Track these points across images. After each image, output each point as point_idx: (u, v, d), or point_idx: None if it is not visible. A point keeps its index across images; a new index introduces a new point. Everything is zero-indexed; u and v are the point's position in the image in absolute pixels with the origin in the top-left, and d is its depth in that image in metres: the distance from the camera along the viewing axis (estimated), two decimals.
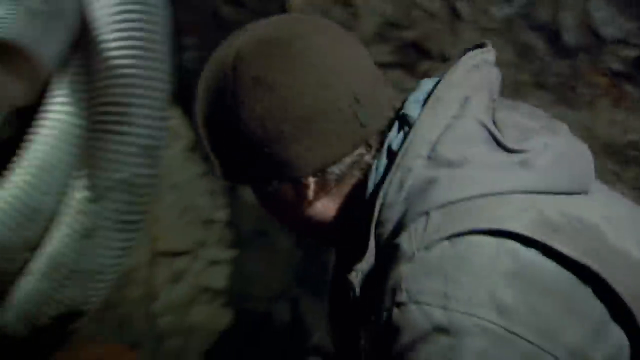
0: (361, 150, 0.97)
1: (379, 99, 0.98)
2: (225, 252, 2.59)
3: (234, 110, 0.94)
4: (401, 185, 0.91)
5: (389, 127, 0.98)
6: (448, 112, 0.94)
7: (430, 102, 0.95)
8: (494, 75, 1.02)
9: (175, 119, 2.71)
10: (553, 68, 1.93)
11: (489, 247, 0.86)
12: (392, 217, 0.91)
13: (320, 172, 0.96)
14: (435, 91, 0.96)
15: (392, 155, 0.95)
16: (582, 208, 0.93)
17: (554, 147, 0.95)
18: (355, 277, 0.93)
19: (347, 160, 0.97)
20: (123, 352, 2.57)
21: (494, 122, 0.96)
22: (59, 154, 1.99)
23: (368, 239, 0.93)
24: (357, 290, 0.94)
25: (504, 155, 0.93)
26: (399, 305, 0.86)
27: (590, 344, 0.86)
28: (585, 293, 0.87)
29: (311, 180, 0.97)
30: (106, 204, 1.94)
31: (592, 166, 0.99)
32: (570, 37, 1.91)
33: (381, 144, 0.97)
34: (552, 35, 1.92)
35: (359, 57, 0.99)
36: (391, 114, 0.98)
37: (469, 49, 1.03)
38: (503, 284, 0.85)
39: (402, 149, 0.93)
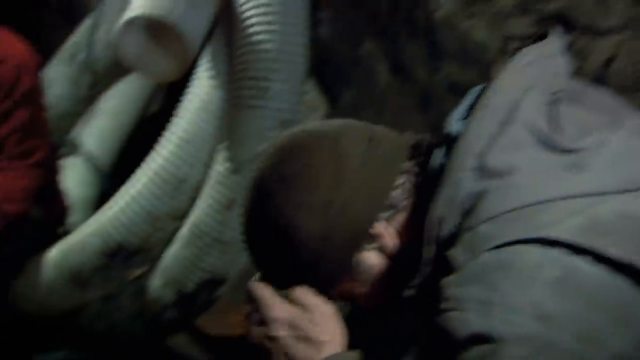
0: (401, 179, 0.99)
1: (392, 136, 1.02)
2: None
3: (289, 226, 0.97)
4: (451, 201, 0.92)
5: (427, 151, 1.00)
6: (494, 120, 0.93)
7: (476, 111, 0.95)
8: (556, 67, 1.00)
9: (311, 93, 2.75)
10: None
11: (533, 255, 0.85)
12: (445, 232, 0.92)
13: (381, 213, 0.98)
14: (482, 99, 0.96)
15: (437, 172, 0.96)
16: None
17: (612, 144, 0.92)
18: (409, 292, 0.96)
19: (393, 194, 0.98)
20: None
21: (554, 119, 0.94)
22: (203, 128, 2.09)
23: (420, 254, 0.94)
24: (411, 304, 0.97)
25: (555, 158, 0.91)
26: (442, 312, 0.88)
27: (638, 351, 0.83)
28: (637, 297, 0.84)
29: (379, 226, 0.99)
30: (246, 176, 1.98)
31: None
32: None
33: (422, 167, 0.99)
34: None
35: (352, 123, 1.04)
36: (412, 142, 1.02)
37: (524, 45, 1.01)
38: (545, 292, 0.84)
39: (448, 164, 0.94)
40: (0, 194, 2.11)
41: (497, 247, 0.87)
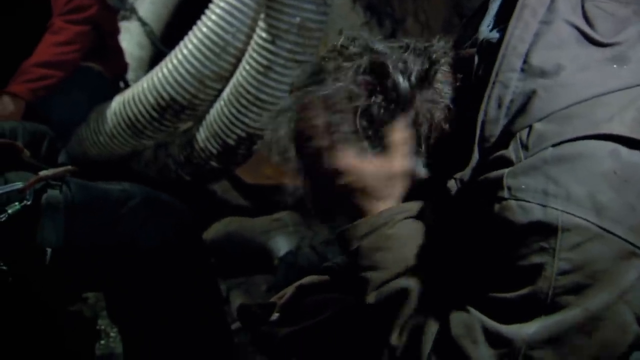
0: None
1: None
2: None
3: None
4: (500, 102, 0.92)
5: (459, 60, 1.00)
6: (535, 19, 0.93)
7: (516, 11, 0.94)
8: None
9: None
10: None
11: (592, 150, 0.86)
12: (495, 132, 0.92)
13: None
14: (518, 1, 0.95)
15: (481, 76, 0.95)
16: None
17: None
18: (454, 184, 0.96)
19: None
20: None
21: (585, 15, 0.94)
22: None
23: (467, 154, 0.94)
24: (454, 195, 0.96)
25: (597, 53, 0.91)
26: (499, 200, 0.88)
27: None
28: None
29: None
30: (282, 44, 2.16)
31: None
32: None
33: (457, 71, 0.99)
34: None
35: None
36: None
37: None
38: (602, 184, 0.84)
39: (496, 66, 0.93)
40: (52, 50, 2.26)
41: (554, 145, 0.86)
